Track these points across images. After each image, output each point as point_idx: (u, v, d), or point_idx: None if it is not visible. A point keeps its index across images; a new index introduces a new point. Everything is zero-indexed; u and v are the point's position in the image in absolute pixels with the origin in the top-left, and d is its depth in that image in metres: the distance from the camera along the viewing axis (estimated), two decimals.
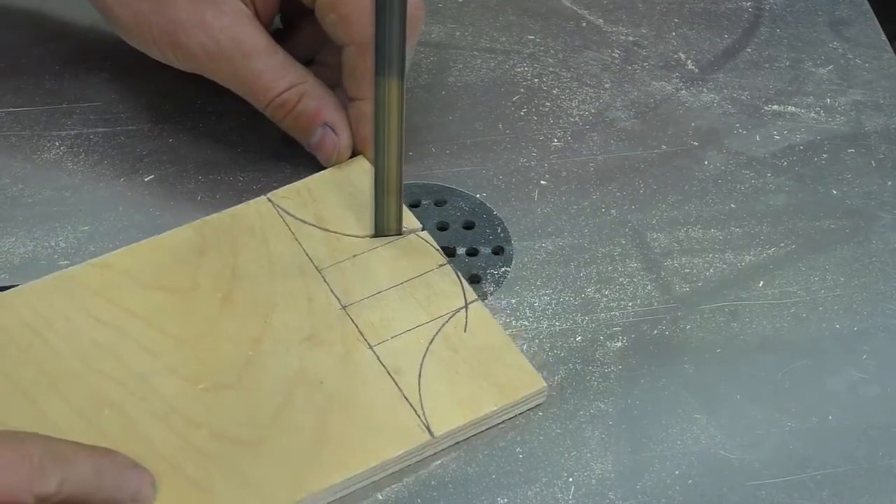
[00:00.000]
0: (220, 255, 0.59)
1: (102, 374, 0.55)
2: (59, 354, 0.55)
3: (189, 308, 0.57)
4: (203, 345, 0.56)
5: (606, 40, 0.75)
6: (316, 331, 0.57)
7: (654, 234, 0.64)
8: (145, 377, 0.54)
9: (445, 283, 0.59)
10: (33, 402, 0.53)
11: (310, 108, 0.63)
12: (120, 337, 0.56)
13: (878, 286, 0.62)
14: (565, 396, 0.56)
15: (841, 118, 0.71)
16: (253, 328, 0.57)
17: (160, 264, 0.59)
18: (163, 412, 0.53)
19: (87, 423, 0.53)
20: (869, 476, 0.54)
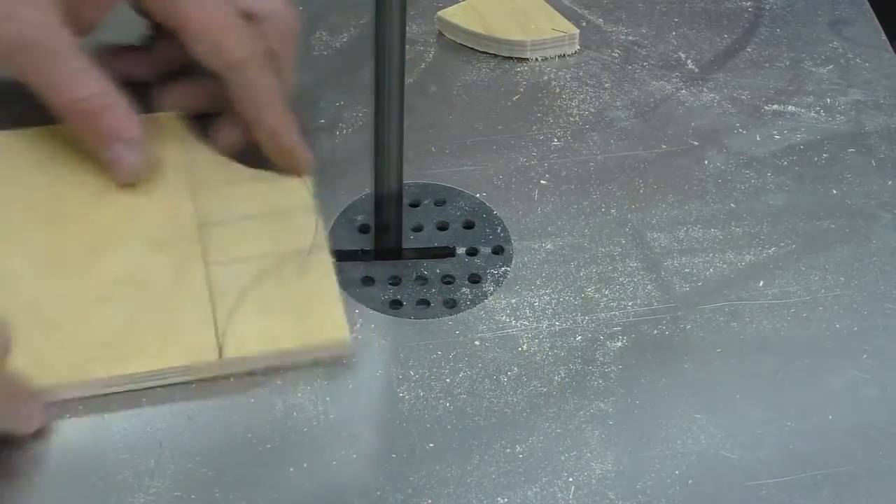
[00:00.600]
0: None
1: None
2: None
3: (66, 189, 0.61)
4: (59, 227, 0.60)
5: (606, 40, 0.75)
6: (165, 239, 0.60)
7: (655, 233, 0.64)
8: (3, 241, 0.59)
9: (304, 225, 0.61)
10: None
11: (109, 122, 0.61)
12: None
13: (878, 286, 0.62)
14: (565, 396, 0.56)
15: (841, 118, 0.71)
16: (110, 222, 0.60)
17: (63, 146, 0.63)
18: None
19: None
20: (869, 476, 0.54)
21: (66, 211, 0.61)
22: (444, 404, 0.56)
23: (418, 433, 0.55)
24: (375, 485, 0.53)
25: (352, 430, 0.55)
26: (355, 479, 0.53)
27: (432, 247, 0.63)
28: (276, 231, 0.60)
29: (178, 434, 0.54)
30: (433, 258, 0.63)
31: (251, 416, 0.55)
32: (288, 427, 0.55)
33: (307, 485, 0.53)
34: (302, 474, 0.53)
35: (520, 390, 0.57)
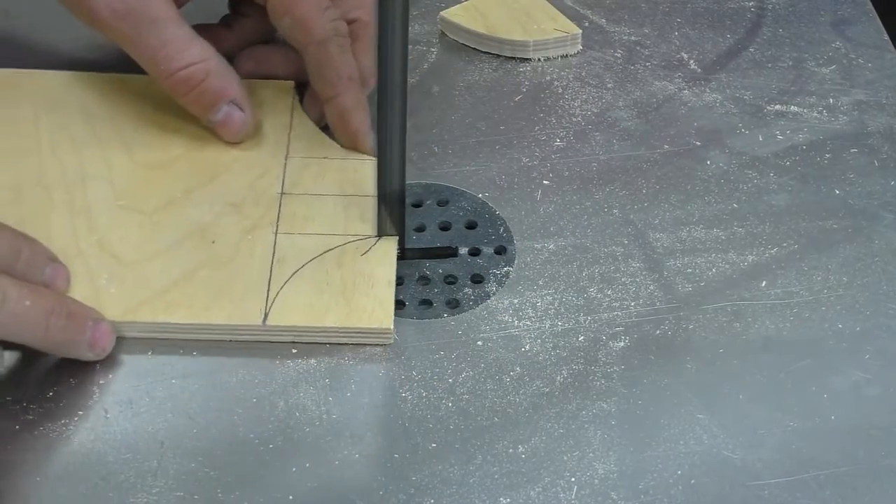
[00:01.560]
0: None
1: (54, 157, 0.63)
2: (27, 127, 0.64)
3: (160, 135, 0.64)
4: (147, 172, 0.63)
5: (609, 40, 0.75)
6: (243, 201, 0.62)
7: (657, 233, 0.64)
8: (86, 177, 0.62)
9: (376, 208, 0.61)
10: None
11: (215, 85, 0.62)
12: (90, 135, 0.64)
13: (880, 286, 0.62)
14: (568, 396, 0.56)
15: (843, 118, 0.71)
16: (196, 174, 0.63)
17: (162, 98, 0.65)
18: (79, 209, 0.61)
19: (14, 196, 0.61)
20: (871, 476, 0.54)
21: (156, 156, 0.63)
22: (447, 404, 0.56)
23: (421, 433, 0.55)
24: (378, 485, 0.53)
25: (354, 429, 0.55)
26: (357, 479, 0.53)
27: (435, 247, 0.63)
28: (353, 213, 0.62)
29: (180, 434, 0.54)
30: (436, 258, 0.63)
31: (253, 416, 0.55)
32: (290, 427, 0.55)
33: (309, 485, 0.53)
34: (304, 474, 0.53)
35: (522, 390, 0.57)
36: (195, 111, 0.63)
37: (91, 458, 0.54)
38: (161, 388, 0.56)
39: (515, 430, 0.55)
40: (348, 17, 0.65)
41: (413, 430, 0.55)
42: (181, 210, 0.61)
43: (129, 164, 0.63)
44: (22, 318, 0.53)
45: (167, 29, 0.61)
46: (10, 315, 0.53)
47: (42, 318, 0.54)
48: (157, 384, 0.56)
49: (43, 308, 0.54)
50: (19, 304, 0.53)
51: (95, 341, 0.55)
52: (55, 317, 0.54)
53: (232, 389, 0.56)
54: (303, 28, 0.62)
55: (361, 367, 0.57)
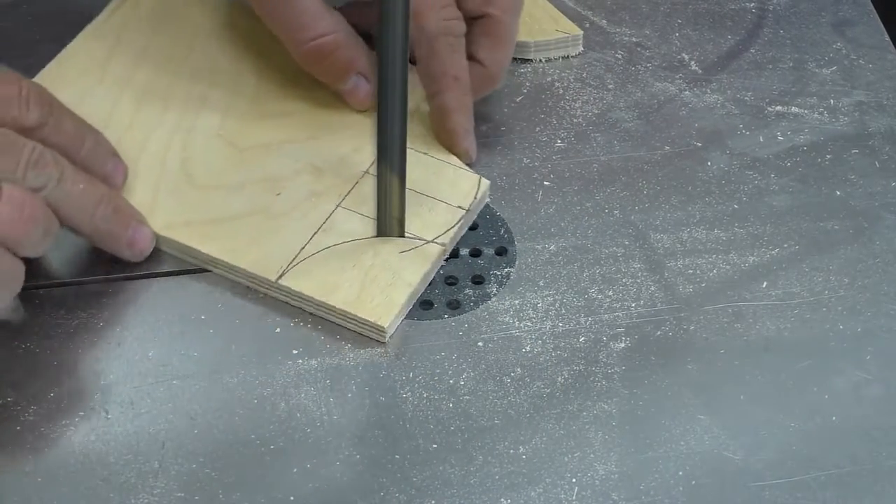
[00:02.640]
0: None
1: (190, 77, 0.67)
2: (183, 44, 0.68)
3: (289, 90, 0.67)
4: (259, 117, 0.65)
5: (610, 41, 0.75)
6: (327, 167, 0.63)
7: (658, 234, 0.64)
8: (206, 103, 0.65)
9: (447, 221, 0.62)
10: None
11: (345, 56, 0.64)
12: (228, 70, 0.67)
13: (881, 287, 0.62)
14: (569, 397, 0.56)
15: (844, 119, 0.71)
16: (299, 131, 0.65)
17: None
18: (184, 127, 0.64)
19: (112, 106, 0.65)
20: (873, 477, 0.54)
21: (273, 107, 0.66)
22: (448, 405, 0.56)
23: (421, 434, 0.55)
24: (378, 486, 0.53)
25: (355, 430, 0.55)
26: (358, 480, 0.53)
27: None
28: (422, 211, 0.62)
29: (181, 435, 0.54)
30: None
31: (254, 417, 0.55)
32: (291, 428, 0.55)
33: (310, 485, 0.53)
34: (305, 475, 0.53)
35: (523, 391, 0.57)
36: (325, 80, 0.65)
37: (92, 458, 0.54)
38: (162, 388, 0.56)
39: (516, 430, 0.55)
40: (478, 11, 0.66)
41: (414, 430, 0.55)
42: (269, 156, 0.63)
43: (248, 105, 0.66)
44: (73, 199, 0.56)
45: (300, 2, 0.63)
46: (64, 193, 0.56)
47: (91, 205, 0.57)
48: (158, 385, 0.56)
49: (94, 195, 0.57)
50: (74, 186, 0.56)
51: (135, 241, 0.59)
52: (103, 206, 0.58)
53: (233, 390, 0.56)
54: (414, 22, 0.62)
55: (362, 368, 0.57)
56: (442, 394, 0.56)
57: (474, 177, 0.64)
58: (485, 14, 0.66)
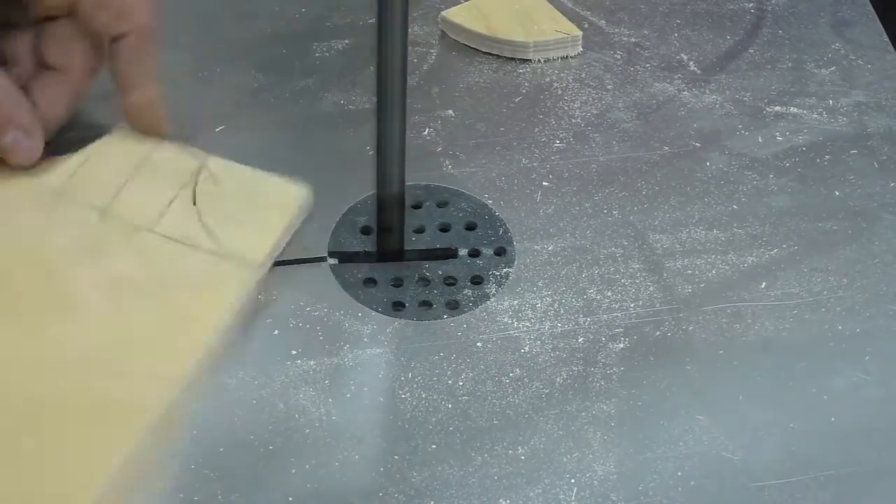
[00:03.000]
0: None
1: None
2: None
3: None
4: None
5: (609, 41, 0.75)
6: (100, 246, 0.58)
7: (657, 235, 0.64)
8: None
9: (174, 155, 0.61)
10: None
11: (2, 111, 0.60)
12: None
13: (880, 287, 0.62)
14: (567, 398, 0.56)
15: (843, 119, 0.71)
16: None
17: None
18: None
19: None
20: (872, 477, 0.54)
21: None
22: (447, 406, 0.56)
23: (420, 435, 0.55)
24: (377, 486, 0.53)
25: (354, 431, 0.55)
26: (357, 481, 0.53)
27: (434, 248, 0.63)
28: (163, 171, 0.61)
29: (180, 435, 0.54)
30: (435, 260, 0.63)
31: (253, 418, 0.55)
32: (290, 428, 0.55)
33: (309, 486, 0.53)
34: (304, 476, 0.53)
35: (522, 392, 0.57)
36: None
37: None
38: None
39: (515, 431, 0.55)
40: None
41: (413, 431, 0.55)
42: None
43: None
44: None
45: None
46: None
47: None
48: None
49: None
50: None
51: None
52: None
53: (231, 391, 0.56)
54: (123, 17, 0.61)
55: (361, 368, 0.57)
56: (441, 394, 0.56)
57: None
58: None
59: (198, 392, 0.54)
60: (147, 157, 0.62)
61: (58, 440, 0.51)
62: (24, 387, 0.52)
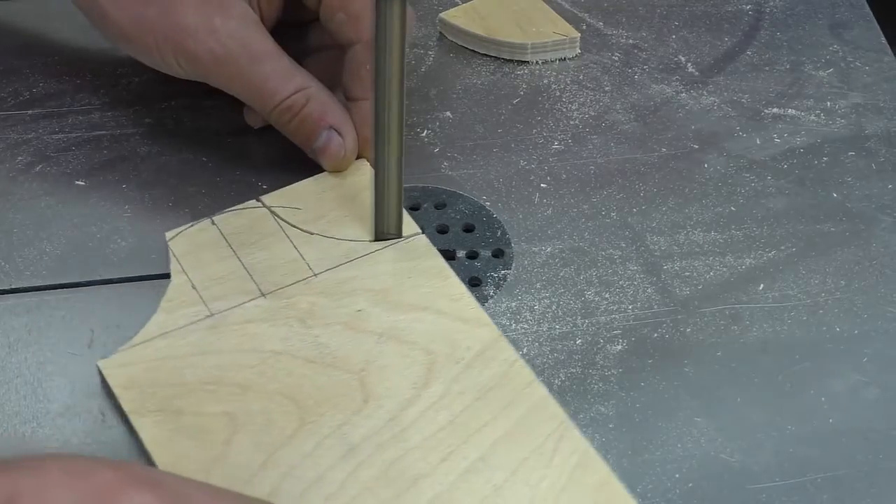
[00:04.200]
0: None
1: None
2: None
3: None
4: None
5: (607, 43, 0.75)
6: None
7: (655, 237, 0.64)
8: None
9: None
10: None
11: (315, 111, 0.62)
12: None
13: (878, 289, 0.62)
14: (565, 400, 0.56)
15: (841, 121, 0.71)
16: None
17: None
18: None
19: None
20: (870, 479, 0.54)
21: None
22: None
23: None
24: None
25: None
26: None
27: None
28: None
29: None
30: None
31: None
32: None
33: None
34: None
35: None
36: (299, 140, 0.63)
37: None
38: None
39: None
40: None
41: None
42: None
43: None
44: None
45: (267, 64, 0.61)
46: None
47: None
48: None
49: None
50: None
51: None
52: None
53: None
54: (355, 24, 0.62)
55: None
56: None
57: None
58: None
59: None
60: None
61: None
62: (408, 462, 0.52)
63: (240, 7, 0.62)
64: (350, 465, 0.51)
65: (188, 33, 0.61)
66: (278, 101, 0.62)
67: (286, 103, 0.62)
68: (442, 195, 0.66)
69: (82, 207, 0.64)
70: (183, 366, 0.55)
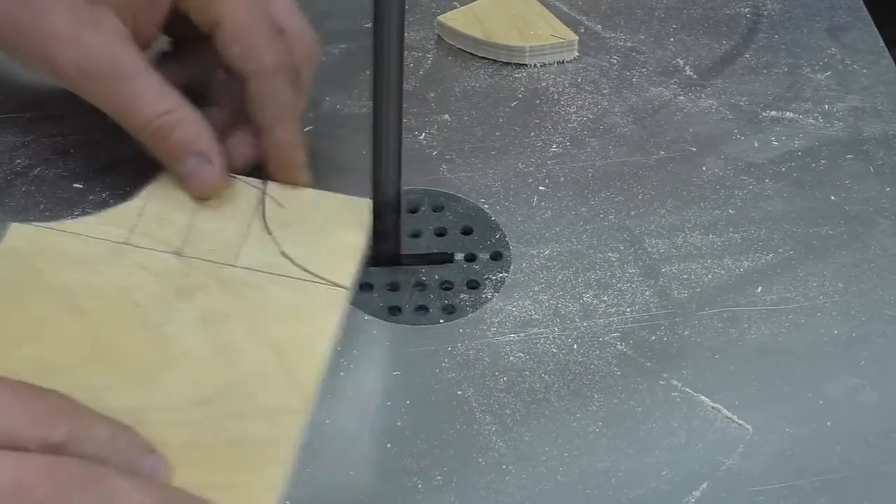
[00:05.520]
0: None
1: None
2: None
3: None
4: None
5: (605, 46, 0.75)
6: (187, 288, 0.57)
7: (653, 239, 0.64)
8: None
9: (232, 186, 0.60)
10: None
11: (184, 136, 0.60)
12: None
13: (876, 292, 0.62)
14: (563, 402, 0.56)
15: (839, 124, 0.71)
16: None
17: None
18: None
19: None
20: (867, 482, 0.54)
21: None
22: (443, 410, 0.56)
23: (417, 440, 0.55)
24: (373, 490, 0.53)
25: (349, 436, 0.55)
26: (353, 485, 0.53)
27: (431, 253, 0.63)
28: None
29: None
30: (431, 264, 0.63)
31: None
32: None
33: (305, 491, 0.53)
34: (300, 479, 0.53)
35: (517, 395, 0.56)
36: (166, 163, 0.61)
37: None
38: None
39: (510, 435, 0.55)
40: (288, 50, 0.62)
41: (409, 436, 0.55)
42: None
43: None
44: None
45: (136, 82, 0.59)
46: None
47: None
48: None
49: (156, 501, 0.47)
50: (130, 500, 0.46)
51: None
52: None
53: None
54: (251, 56, 0.60)
55: (357, 372, 0.57)
56: (436, 398, 0.56)
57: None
58: (282, 27, 0.63)
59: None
60: None
61: (205, 487, 0.49)
62: (153, 438, 0.50)
63: (111, 21, 0.59)
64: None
65: (56, 41, 0.58)
66: (146, 121, 0.59)
67: (155, 124, 0.59)
68: (440, 198, 0.66)
69: (80, 211, 0.64)
70: (58, 265, 0.56)
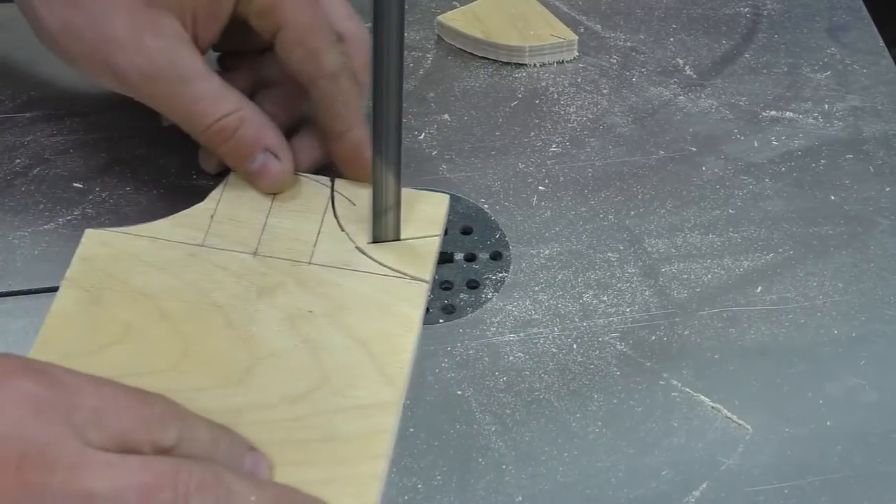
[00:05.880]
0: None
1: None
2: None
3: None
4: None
5: (604, 46, 0.75)
6: (268, 287, 0.58)
7: (653, 239, 0.64)
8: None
9: (300, 185, 0.62)
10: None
11: (249, 133, 0.60)
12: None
13: (876, 292, 0.62)
14: (563, 402, 0.56)
15: (839, 124, 0.71)
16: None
17: None
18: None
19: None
20: (867, 482, 0.54)
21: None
22: (442, 409, 0.56)
23: (416, 439, 0.55)
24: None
25: None
26: None
27: None
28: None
29: None
30: None
31: None
32: None
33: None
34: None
35: (517, 395, 0.56)
36: (232, 163, 0.62)
37: None
38: None
39: (509, 435, 0.55)
40: (346, 54, 0.63)
41: (409, 436, 0.55)
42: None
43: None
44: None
45: (198, 85, 0.60)
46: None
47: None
48: None
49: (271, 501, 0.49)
50: (247, 500, 0.48)
51: None
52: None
53: None
54: (315, 60, 0.61)
55: None
56: (436, 398, 0.56)
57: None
58: (340, 32, 0.63)
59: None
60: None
61: (307, 484, 0.50)
62: (250, 438, 0.51)
63: (171, 26, 0.59)
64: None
65: (117, 46, 0.59)
66: (210, 122, 0.60)
67: (218, 125, 0.60)
68: None
69: (80, 211, 0.64)
70: (138, 270, 0.58)
